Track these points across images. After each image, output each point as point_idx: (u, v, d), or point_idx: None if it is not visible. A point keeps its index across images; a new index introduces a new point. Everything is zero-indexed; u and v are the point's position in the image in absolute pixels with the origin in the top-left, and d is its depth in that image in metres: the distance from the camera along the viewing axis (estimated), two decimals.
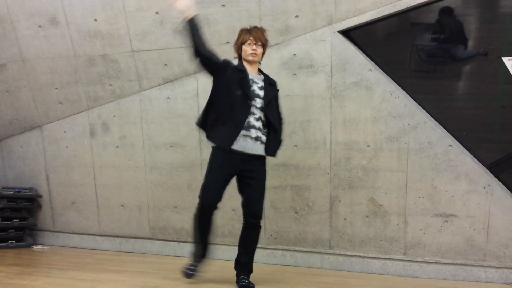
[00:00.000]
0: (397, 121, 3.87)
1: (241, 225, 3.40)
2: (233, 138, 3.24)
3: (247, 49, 3.36)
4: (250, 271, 3.42)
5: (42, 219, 5.23)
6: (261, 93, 3.33)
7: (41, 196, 5.18)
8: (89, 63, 4.71)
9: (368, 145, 3.96)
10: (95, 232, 4.98)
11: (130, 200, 4.78)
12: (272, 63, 4.14)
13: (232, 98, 3.25)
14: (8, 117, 5.23)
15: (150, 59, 4.49)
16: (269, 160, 4.22)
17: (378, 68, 3.94)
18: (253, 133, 3.28)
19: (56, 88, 4.92)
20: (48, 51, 4.82)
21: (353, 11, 3.89)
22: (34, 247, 5.09)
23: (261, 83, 3.37)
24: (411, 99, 3.87)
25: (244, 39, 3.38)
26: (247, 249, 3.42)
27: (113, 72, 4.65)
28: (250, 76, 3.34)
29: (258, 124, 3.30)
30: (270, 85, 3.43)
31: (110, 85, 4.71)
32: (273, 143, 3.39)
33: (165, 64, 4.45)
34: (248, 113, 3.26)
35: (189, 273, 3.40)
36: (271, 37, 4.10)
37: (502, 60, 3.68)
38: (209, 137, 3.36)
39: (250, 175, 3.33)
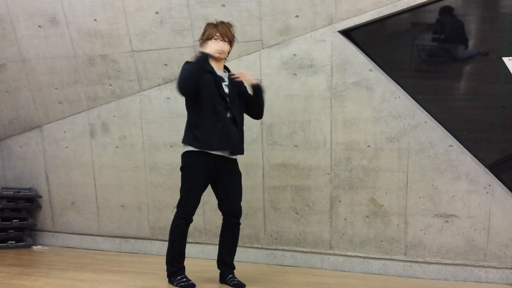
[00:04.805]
0: (398, 121, 3.86)
1: (236, 221, 3.40)
2: (236, 138, 3.25)
3: (213, 45, 3.28)
4: (234, 268, 3.45)
5: (42, 220, 5.23)
6: (228, 91, 3.28)
7: (40, 197, 5.18)
8: (89, 63, 4.70)
9: (369, 145, 3.95)
10: (95, 232, 4.98)
11: (130, 201, 4.77)
12: (272, 63, 4.14)
13: (213, 100, 3.20)
14: (8, 117, 5.23)
15: (150, 59, 4.48)
16: (269, 160, 4.23)
17: (379, 68, 3.93)
18: None
19: (56, 88, 4.92)
20: (48, 51, 4.81)
21: (354, 11, 3.89)
22: (34, 247, 5.08)
23: (227, 81, 3.32)
24: (411, 99, 3.86)
25: (210, 34, 3.28)
26: (230, 249, 3.43)
27: (113, 72, 4.65)
28: (218, 75, 3.29)
29: None
30: (234, 81, 3.34)
31: (110, 85, 4.70)
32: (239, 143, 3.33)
33: (165, 64, 4.45)
34: (227, 112, 3.23)
35: (189, 283, 3.29)
36: (271, 37, 4.11)
37: (502, 60, 3.67)
38: (207, 146, 3.20)
39: (226, 174, 3.31)
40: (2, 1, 4.82)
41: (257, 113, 3.50)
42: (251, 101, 3.43)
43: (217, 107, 3.21)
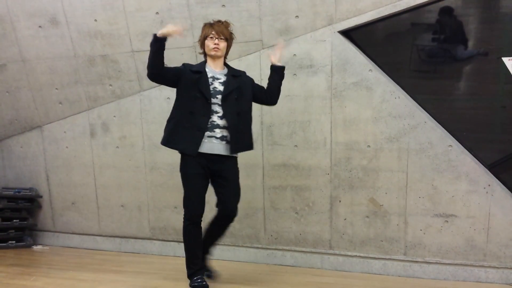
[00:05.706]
0: (397, 121, 3.87)
1: (229, 221, 3.37)
2: (198, 142, 3.17)
3: (209, 43, 3.27)
4: (208, 253, 3.46)
5: (42, 220, 5.23)
6: (222, 88, 3.25)
7: (41, 197, 5.18)
8: (89, 63, 4.70)
9: (368, 145, 3.95)
10: (95, 232, 4.98)
11: (130, 201, 4.78)
12: None
13: (192, 101, 3.19)
14: (8, 117, 5.23)
15: None
16: (269, 160, 4.23)
17: (378, 68, 3.94)
18: (218, 133, 3.22)
19: (56, 88, 4.92)
20: (48, 51, 4.82)
21: (353, 11, 3.89)
22: (34, 247, 5.09)
23: (223, 78, 3.29)
24: (411, 99, 3.87)
25: (206, 33, 3.29)
26: (214, 239, 3.42)
27: (113, 72, 4.65)
28: (211, 74, 3.27)
29: (223, 122, 3.23)
30: (233, 77, 3.33)
31: (110, 85, 4.70)
32: (232, 141, 3.25)
33: (165, 65, 4.44)
34: (210, 113, 3.19)
35: (202, 284, 3.23)
36: (271, 37, 4.12)
37: (502, 60, 3.67)
38: (169, 143, 3.26)
39: (221, 175, 3.28)
40: (2, 1, 4.82)
41: (274, 96, 3.47)
42: (269, 84, 3.44)
43: (192, 109, 3.19)
